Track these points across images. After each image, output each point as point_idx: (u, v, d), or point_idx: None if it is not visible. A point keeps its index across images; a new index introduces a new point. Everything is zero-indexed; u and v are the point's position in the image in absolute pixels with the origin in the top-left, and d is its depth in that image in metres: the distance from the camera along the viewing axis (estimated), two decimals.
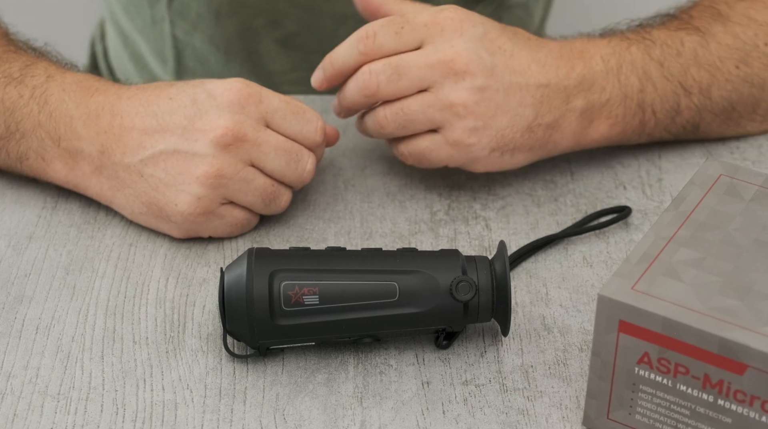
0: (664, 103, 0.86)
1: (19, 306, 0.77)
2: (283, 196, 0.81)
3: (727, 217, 0.68)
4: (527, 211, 0.84)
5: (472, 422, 0.69)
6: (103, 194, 0.81)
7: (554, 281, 0.79)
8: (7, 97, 0.81)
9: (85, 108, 0.80)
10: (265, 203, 0.80)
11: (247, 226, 0.81)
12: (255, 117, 0.78)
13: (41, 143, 0.81)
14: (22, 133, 0.81)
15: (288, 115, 0.79)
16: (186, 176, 0.77)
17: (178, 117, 0.78)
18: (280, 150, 0.79)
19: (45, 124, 0.80)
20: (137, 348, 0.74)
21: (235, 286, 0.70)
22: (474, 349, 0.74)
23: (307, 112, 0.80)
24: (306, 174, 0.80)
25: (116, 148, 0.79)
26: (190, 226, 0.79)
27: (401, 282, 0.70)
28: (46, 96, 0.81)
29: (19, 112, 0.81)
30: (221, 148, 0.77)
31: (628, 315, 0.63)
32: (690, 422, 0.64)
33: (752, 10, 0.87)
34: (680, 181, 0.87)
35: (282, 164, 0.79)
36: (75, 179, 0.82)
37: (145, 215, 0.80)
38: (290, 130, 0.79)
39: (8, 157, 0.83)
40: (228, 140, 0.77)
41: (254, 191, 0.79)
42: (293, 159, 0.79)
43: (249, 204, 0.79)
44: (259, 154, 0.78)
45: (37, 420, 0.69)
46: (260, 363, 0.73)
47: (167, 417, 0.69)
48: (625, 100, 0.85)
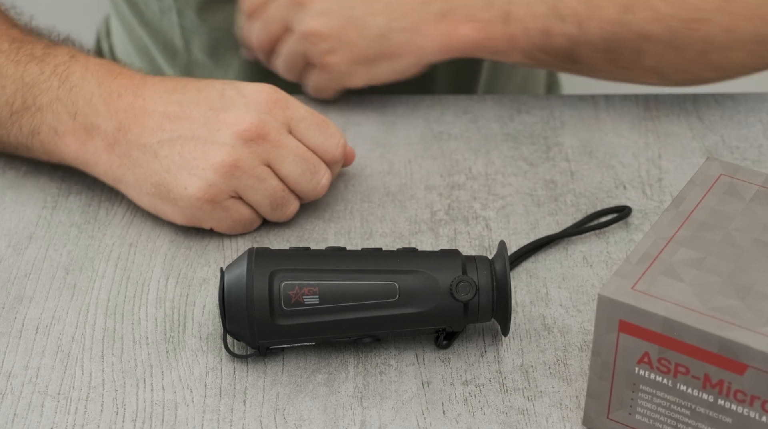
0: (534, 21, 0.86)
1: (19, 306, 0.77)
2: (291, 205, 0.81)
3: (728, 217, 0.68)
4: (527, 211, 0.84)
5: (472, 422, 0.69)
6: (111, 172, 0.81)
7: (554, 281, 0.79)
8: (27, 73, 0.82)
9: (107, 87, 0.81)
10: (272, 207, 0.80)
11: (249, 227, 0.81)
12: (280, 120, 0.79)
13: (56, 117, 0.81)
14: (38, 107, 0.81)
15: (312, 126, 0.80)
16: (201, 161, 0.77)
17: (203, 108, 0.79)
18: (299, 157, 0.79)
19: (63, 99, 0.81)
20: (137, 348, 0.74)
21: (235, 286, 0.70)
22: (474, 349, 0.74)
23: (330, 127, 0.81)
24: (319, 187, 0.81)
25: (134, 126, 0.79)
26: (195, 212, 0.79)
27: (401, 282, 0.70)
28: (68, 73, 0.81)
29: (38, 87, 0.81)
30: (242, 142, 0.77)
31: (628, 315, 0.63)
32: (690, 422, 0.64)
33: None
34: (680, 181, 0.87)
35: (298, 171, 0.79)
36: (85, 155, 0.81)
37: (151, 196, 0.80)
38: (312, 140, 0.80)
39: (20, 132, 0.82)
40: (250, 135, 0.77)
41: (264, 192, 0.79)
42: (309, 169, 0.80)
43: (256, 203, 0.79)
44: (277, 156, 0.78)
45: (37, 420, 0.69)
46: (260, 363, 0.73)
47: (167, 417, 0.69)
48: (489, 6, 0.85)
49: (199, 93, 0.80)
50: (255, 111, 0.78)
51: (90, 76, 0.81)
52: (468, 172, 0.88)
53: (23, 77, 0.82)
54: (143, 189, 0.80)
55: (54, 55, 0.82)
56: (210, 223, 0.80)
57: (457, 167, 0.88)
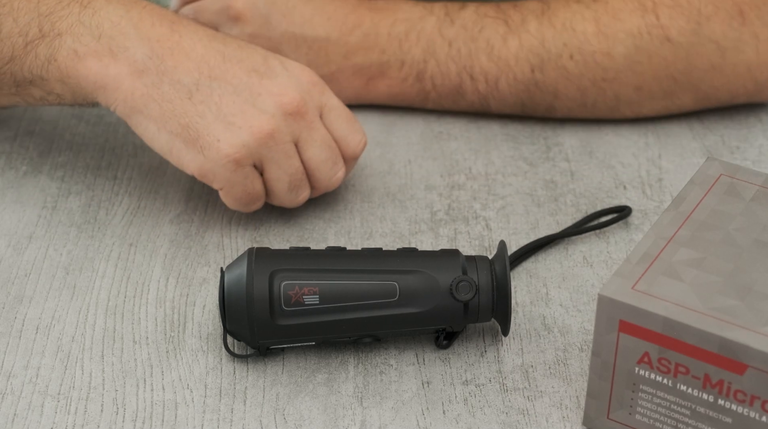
0: (446, 81, 0.89)
1: (19, 306, 0.77)
2: (305, 191, 0.81)
3: (728, 217, 0.68)
4: (527, 211, 0.84)
5: (472, 422, 0.69)
6: (132, 100, 0.76)
7: (554, 281, 0.79)
8: (43, 3, 0.77)
9: (137, 13, 0.77)
10: (289, 187, 0.79)
11: (252, 205, 0.80)
12: (316, 103, 0.79)
13: (77, 39, 0.76)
14: (57, 32, 0.76)
15: (341, 117, 0.80)
16: (240, 120, 0.76)
17: (245, 67, 0.77)
18: (325, 144, 0.79)
19: (86, 22, 0.76)
20: (137, 348, 0.74)
21: (235, 286, 0.70)
22: (474, 349, 0.74)
23: (356, 124, 0.81)
24: (335, 179, 0.81)
25: (169, 59, 0.76)
26: (215, 167, 0.76)
27: (401, 282, 0.70)
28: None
29: (56, 14, 0.77)
30: (283, 113, 0.77)
31: (628, 315, 0.63)
32: (690, 422, 0.64)
33: (578, 17, 0.88)
34: (680, 181, 0.87)
35: (321, 157, 0.79)
36: (105, 79, 0.76)
37: (174, 136, 0.76)
38: (338, 131, 0.80)
39: (35, 60, 0.77)
40: (291, 109, 0.77)
41: (288, 169, 0.78)
42: (331, 158, 0.80)
43: (276, 179, 0.78)
44: (308, 137, 0.78)
45: (37, 420, 0.69)
46: (260, 363, 0.73)
47: (167, 417, 0.69)
48: (403, 66, 0.88)
49: (241, 51, 0.78)
50: (297, 86, 0.78)
51: (116, 2, 0.77)
52: (468, 172, 0.88)
53: (38, 7, 0.77)
54: (167, 126, 0.76)
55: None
56: (222, 184, 0.77)
57: (457, 167, 0.88)
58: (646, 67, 0.87)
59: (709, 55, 0.87)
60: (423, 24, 0.88)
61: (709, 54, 0.87)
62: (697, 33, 0.86)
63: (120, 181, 0.87)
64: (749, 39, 0.87)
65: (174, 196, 0.86)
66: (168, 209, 0.85)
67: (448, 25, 0.88)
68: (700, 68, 0.88)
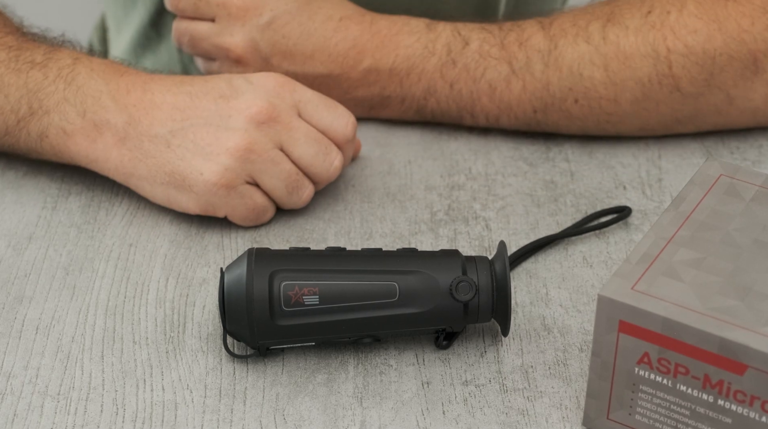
0: (445, 115, 0.90)
1: (19, 306, 0.77)
2: (306, 189, 0.81)
3: (727, 217, 0.68)
4: (527, 211, 0.84)
5: (472, 422, 0.69)
6: (123, 166, 0.81)
7: (554, 281, 0.79)
8: (31, 79, 0.81)
9: (115, 84, 0.81)
10: (288, 190, 0.80)
11: (262, 216, 0.81)
12: (289, 103, 0.79)
13: (64, 117, 0.80)
14: (45, 110, 0.81)
15: (320, 107, 0.80)
16: (216, 147, 0.78)
17: (212, 96, 0.79)
18: (310, 139, 0.79)
19: (71, 99, 0.80)
20: (137, 348, 0.74)
21: (235, 286, 0.70)
22: (474, 349, 0.74)
23: (339, 108, 0.81)
24: (332, 169, 0.81)
25: (144, 118, 0.79)
26: (210, 198, 0.79)
27: (401, 282, 0.70)
28: (74, 75, 0.81)
29: (43, 91, 0.81)
30: (255, 125, 0.78)
31: (628, 315, 0.62)
32: (690, 422, 0.64)
33: (586, 61, 0.85)
34: (680, 181, 0.87)
35: (311, 153, 0.79)
36: (95, 153, 0.81)
37: (166, 186, 0.80)
38: (321, 121, 0.80)
39: (29, 137, 0.82)
40: (262, 118, 0.78)
41: (279, 175, 0.79)
42: (322, 150, 0.80)
43: (272, 188, 0.79)
44: (290, 138, 0.79)
45: (37, 420, 0.69)
46: (260, 363, 0.73)
47: (167, 417, 0.69)
48: (404, 101, 0.89)
49: (207, 83, 0.80)
50: (264, 95, 0.79)
51: (96, 76, 0.81)
52: (468, 172, 0.88)
53: (27, 84, 0.81)
54: (157, 179, 0.80)
55: (56, 59, 0.82)
56: (225, 211, 0.80)
57: (457, 167, 0.88)
58: (652, 113, 0.86)
59: (717, 102, 0.86)
60: (424, 64, 0.87)
61: (717, 101, 0.86)
62: (709, 83, 0.85)
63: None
64: (759, 87, 0.85)
65: None
66: (168, 209, 0.85)
67: (449, 67, 0.87)
68: (705, 113, 0.87)
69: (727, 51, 0.84)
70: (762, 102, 0.86)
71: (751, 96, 0.86)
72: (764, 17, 0.84)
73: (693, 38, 0.84)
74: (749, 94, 0.85)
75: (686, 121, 0.87)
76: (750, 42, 0.83)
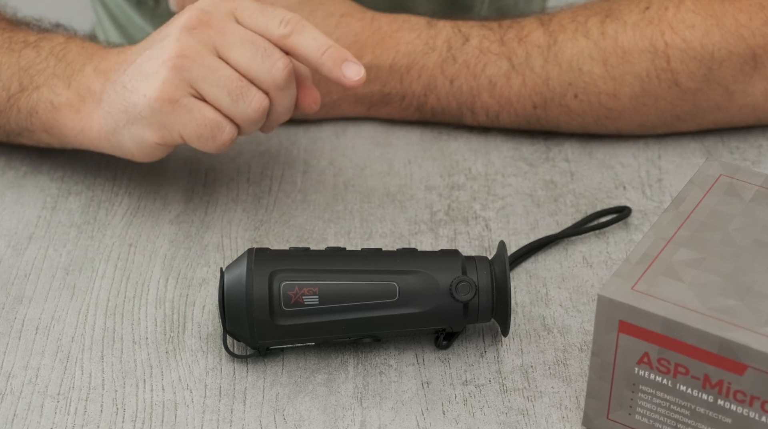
0: (446, 113, 0.90)
1: (19, 306, 0.77)
2: (254, 97, 0.77)
3: (727, 217, 0.68)
4: (527, 211, 0.84)
5: (472, 422, 0.69)
6: (102, 128, 0.79)
7: (554, 281, 0.79)
8: (23, 58, 0.82)
9: (99, 56, 0.80)
10: (232, 98, 0.76)
11: (218, 134, 0.77)
12: (224, 11, 0.77)
13: (52, 90, 0.80)
14: (35, 86, 0.81)
15: (256, 12, 0.77)
16: (153, 65, 0.76)
17: (163, 27, 0.78)
18: (247, 41, 0.76)
19: (60, 74, 0.80)
20: (137, 348, 0.74)
21: (235, 286, 0.70)
22: (474, 349, 0.74)
23: (276, 10, 0.78)
24: (275, 70, 0.76)
25: (113, 74, 0.78)
26: (159, 118, 0.76)
27: (401, 282, 0.70)
28: (65, 52, 0.81)
29: (34, 68, 0.81)
30: (186, 32, 0.76)
31: (628, 315, 0.63)
32: (690, 422, 0.64)
33: (585, 56, 0.86)
34: (680, 181, 0.87)
35: (247, 55, 0.76)
36: (81, 122, 0.80)
37: (128, 126, 0.77)
38: (258, 25, 0.77)
39: (19, 114, 0.82)
40: (193, 23, 0.76)
41: (218, 81, 0.76)
42: (260, 52, 0.76)
43: (215, 97, 0.76)
44: (224, 43, 0.76)
45: (37, 420, 0.69)
46: (260, 363, 0.73)
47: (167, 417, 0.69)
48: (404, 99, 0.89)
49: None
50: (198, 5, 0.77)
51: (85, 52, 0.81)
52: (468, 172, 0.88)
53: (19, 62, 0.82)
54: (120, 122, 0.78)
55: (50, 39, 0.82)
56: (177, 129, 0.77)
57: (457, 167, 0.88)
58: (651, 109, 0.86)
59: (716, 98, 0.86)
60: (425, 60, 0.87)
61: (716, 97, 0.86)
62: (708, 79, 0.85)
63: (120, 181, 0.87)
64: (759, 82, 0.85)
65: (174, 196, 0.86)
66: (168, 209, 0.85)
67: (450, 63, 0.87)
68: (705, 109, 0.87)
69: (725, 46, 0.84)
70: (761, 97, 0.86)
71: (750, 91, 0.86)
72: (761, 13, 0.84)
73: (691, 33, 0.84)
74: (748, 89, 0.85)
75: (686, 117, 0.87)
76: (748, 37, 0.84)
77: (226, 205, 0.85)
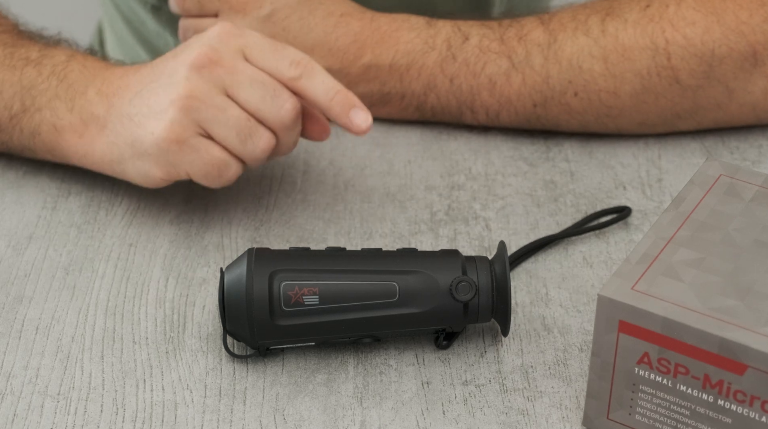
0: (446, 112, 0.90)
1: (19, 306, 0.77)
2: (262, 137, 0.77)
3: (727, 218, 0.68)
4: (527, 211, 0.84)
5: (472, 422, 0.69)
6: (106, 155, 0.79)
7: (554, 281, 0.79)
8: (25, 76, 0.81)
9: (101, 78, 0.80)
10: (240, 139, 0.76)
11: (224, 172, 0.78)
12: (233, 48, 0.77)
13: (55, 113, 0.80)
14: (37, 107, 0.81)
15: (267, 50, 0.77)
16: (162, 103, 0.76)
17: (167, 58, 0.78)
18: (256, 81, 0.76)
19: (62, 96, 0.80)
20: (137, 348, 0.74)
21: (235, 286, 0.70)
22: (474, 349, 0.74)
23: (286, 49, 0.78)
24: (283, 111, 0.77)
25: (118, 101, 0.78)
26: (166, 157, 0.76)
27: (401, 282, 0.70)
28: (66, 72, 0.81)
29: (36, 88, 0.81)
30: (195, 71, 0.76)
31: (628, 315, 0.63)
32: (690, 422, 0.64)
33: (585, 54, 0.86)
34: (680, 181, 0.87)
35: (257, 96, 0.76)
36: (84, 147, 0.80)
37: (133, 159, 0.78)
38: (268, 63, 0.77)
39: (21, 134, 0.82)
40: (202, 62, 0.76)
41: (227, 122, 0.76)
42: (269, 93, 0.76)
43: (224, 137, 0.76)
44: (233, 82, 0.76)
45: (37, 420, 0.69)
46: (260, 363, 0.73)
47: (167, 417, 0.69)
48: (404, 98, 0.89)
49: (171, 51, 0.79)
50: (206, 41, 0.76)
51: (87, 72, 0.81)
52: (468, 172, 0.88)
53: (21, 81, 0.81)
54: (125, 155, 0.78)
55: (51, 56, 0.82)
56: (184, 168, 0.77)
57: (457, 167, 0.88)
58: (651, 107, 0.86)
59: (716, 95, 0.86)
60: (424, 59, 0.87)
61: (716, 95, 0.86)
62: (708, 76, 0.85)
63: (120, 181, 0.87)
64: (759, 80, 0.85)
65: (174, 196, 0.86)
66: (168, 209, 0.85)
67: (450, 62, 0.87)
68: (705, 107, 0.87)
69: (726, 43, 0.84)
70: (761, 95, 0.86)
71: (751, 89, 0.86)
72: (762, 10, 0.84)
73: (691, 30, 0.84)
74: (748, 86, 0.85)
75: (686, 115, 0.87)
76: (749, 34, 0.84)
77: (226, 205, 0.85)
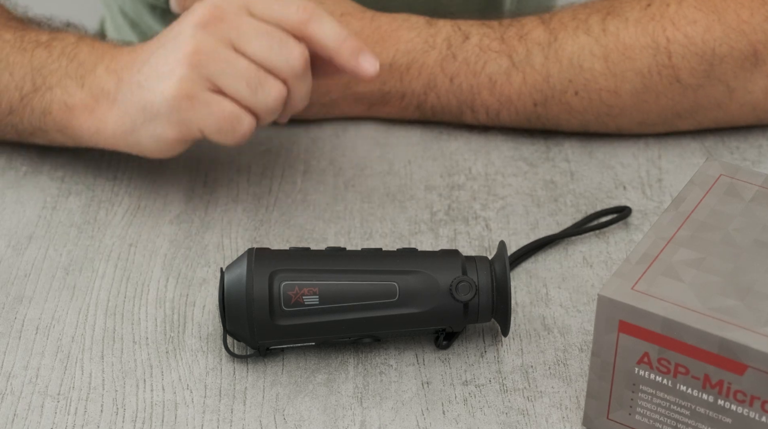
0: (445, 111, 0.89)
1: (19, 306, 0.77)
2: (273, 86, 0.77)
3: (727, 218, 0.68)
4: (527, 211, 0.84)
5: (472, 422, 0.69)
6: (118, 127, 0.79)
7: (554, 281, 0.79)
8: (35, 57, 0.82)
9: (110, 56, 0.80)
10: (251, 90, 0.76)
11: (238, 126, 0.77)
12: (237, 5, 0.76)
13: (66, 91, 0.80)
14: (48, 86, 0.81)
15: (271, 3, 0.77)
16: (169, 63, 0.76)
17: (173, 25, 0.78)
18: (262, 32, 0.76)
19: (72, 74, 0.80)
20: (137, 348, 0.74)
21: (235, 286, 0.70)
22: (474, 349, 0.74)
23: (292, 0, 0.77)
24: (292, 59, 0.76)
25: (127, 74, 0.78)
26: (179, 115, 0.76)
27: (401, 282, 0.70)
28: (77, 52, 0.81)
29: (47, 68, 0.81)
30: (200, 28, 0.75)
31: (628, 315, 0.63)
32: (690, 422, 0.64)
33: (586, 53, 0.86)
34: (680, 181, 0.87)
35: (265, 46, 0.76)
36: (96, 123, 0.80)
37: (146, 125, 0.77)
38: (273, 15, 0.77)
39: (32, 114, 0.82)
40: (206, 19, 0.76)
41: (237, 73, 0.76)
42: (276, 43, 0.76)
43: (234, 90, 0.76)
44: (240, 36, 0.76)
45: (37, 420, 0.69)
46: (260, 363, 0.73)
47: (167, 417, 0.69)
48: (404, 97, 0.88)
49: None
50: (210, 1, 0.76)
51: (96, 52, 0.81)
52: (468, 172, 0.88)
53: (31, 62, 0.82)
54: (137, 122, 0.78)
55: (61, 39, 0.82)
56: (197, 124, 0.76)
57: (457, 167, 0.88)
58: (651, 106, 0.86)
59: (717, 95, 0.86)
60: (425, 58, 0.87)
61: (717, 94, 0.86)
62: (709, 75, 0.85)
63: (120, 181, 0.87)
64: (759, 79, 0.85)
65: (174, 196, 0.86)
66: (168, 209, 0.85)
67: (450, 61, 0.87)
68: (705, 106, 0.87)
69: (726, 42, 0.84)
70: (762, 95, 0.86)
71: (751, 88, 0.86)
72: (763, 9, 0.84)
73: (692, 29, 0.84)
74: (749, 85, 0.85)
75: (686, 115, 0.87)
76: (750, 33, 0.84)
77: (226, 205, 0.85)
